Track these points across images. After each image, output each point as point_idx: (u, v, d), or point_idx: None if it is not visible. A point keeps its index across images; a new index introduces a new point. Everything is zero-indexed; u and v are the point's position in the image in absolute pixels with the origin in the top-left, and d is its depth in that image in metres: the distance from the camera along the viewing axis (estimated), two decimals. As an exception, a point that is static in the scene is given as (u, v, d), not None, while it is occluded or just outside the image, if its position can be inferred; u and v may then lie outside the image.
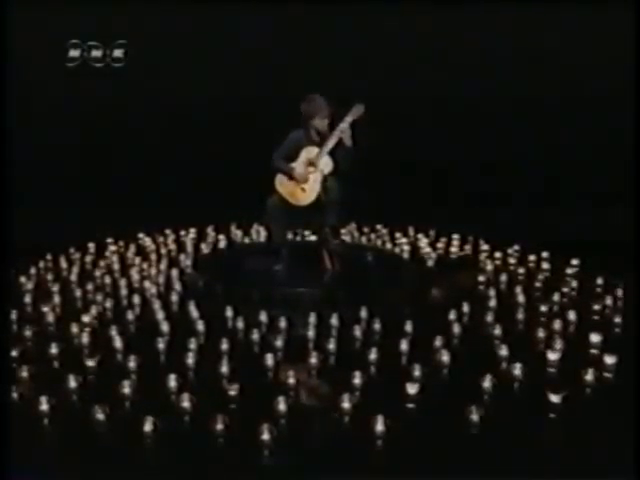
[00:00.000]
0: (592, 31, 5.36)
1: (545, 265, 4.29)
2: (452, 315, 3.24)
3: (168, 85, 5.79)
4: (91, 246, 4.70)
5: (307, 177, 3.84)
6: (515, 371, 2.57)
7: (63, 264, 4.33)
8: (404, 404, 2.39)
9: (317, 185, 3.84)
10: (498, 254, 4.53)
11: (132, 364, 2.67)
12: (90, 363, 2.69)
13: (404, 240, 4.96)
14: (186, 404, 2.32)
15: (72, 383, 2.46)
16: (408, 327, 3.09)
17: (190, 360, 2.73)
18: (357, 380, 2.51)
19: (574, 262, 4.23)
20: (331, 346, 2.89)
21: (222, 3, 5.51)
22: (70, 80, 5.55)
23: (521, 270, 4.20)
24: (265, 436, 2.10)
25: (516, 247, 4.61)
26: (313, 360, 2.73)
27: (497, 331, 3.04)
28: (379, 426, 2.14)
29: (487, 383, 2.46)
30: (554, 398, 2.31)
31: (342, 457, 2.08)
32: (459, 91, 5.69)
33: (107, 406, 2.26)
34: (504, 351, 2.78)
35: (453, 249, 4.81)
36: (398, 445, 2.12)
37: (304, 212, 3.93)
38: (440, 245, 4.89)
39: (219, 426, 2.17)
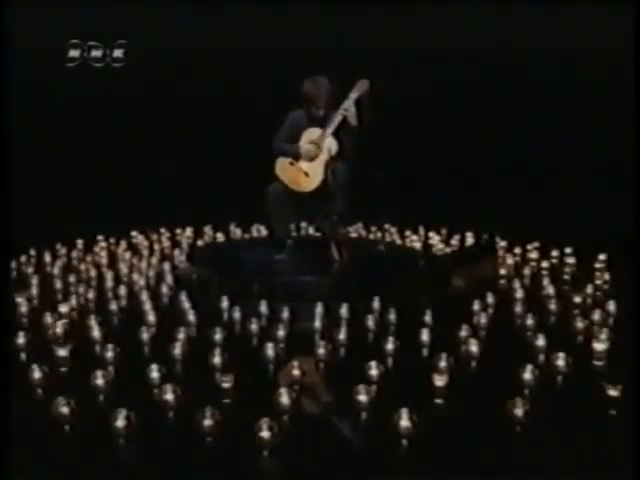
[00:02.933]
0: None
1: (570, 260, 3.94)
2: (476, 305, 2.89)
3: (168, 85, 5.63)
4: (79, 242, 4.40)
5: (316, 152, 3.47)
6: (558, 361, 2.20)
7: (47, 258, 4.02)
8: (432, 399, 2.04)
9: (321, 169, 3.47)
10: (517, 250, 4.20)
11: (110, 354, 2.29)
12: (62, 353, 2.32)
13: (415, 237, 4.63)
14: (169, 396, 1.94)
15: (36, 374, 2.09)
16: (427, 317, 2.75)
17: (177, 350, 2.36)
18: (374, 371, 2.15)
19: (601, 257, 3.88)
20: (341, 337, 2.54)
21: (222, 3, 5.33)
22: (70, 80, 5.39)
23: (545, 264, 3.87)
24: (264, 434, 1.72)
25: (536, 244, 4.27)
26: (321, 351, 2.38)
27: (529, 321, 2.69)
28: (404, 422, 1.76)
29: (528, 375, 2.09)
30: (613, 392, 1.94)
31: (360, 458, 1.73)
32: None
33: (75, 399, 1.89)
34: (540, 341, 2.43)
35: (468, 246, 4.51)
36: (427, 444, 1.76)
37: (308, 200, 3.55)
38: (454, 242, 4.56)
39: (208, 422, 1.80)
